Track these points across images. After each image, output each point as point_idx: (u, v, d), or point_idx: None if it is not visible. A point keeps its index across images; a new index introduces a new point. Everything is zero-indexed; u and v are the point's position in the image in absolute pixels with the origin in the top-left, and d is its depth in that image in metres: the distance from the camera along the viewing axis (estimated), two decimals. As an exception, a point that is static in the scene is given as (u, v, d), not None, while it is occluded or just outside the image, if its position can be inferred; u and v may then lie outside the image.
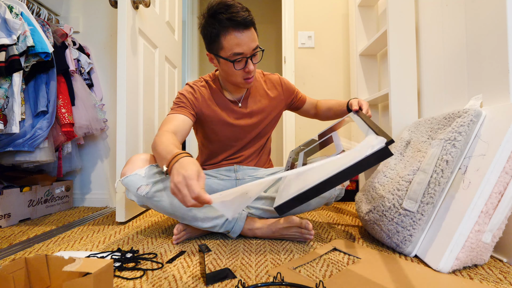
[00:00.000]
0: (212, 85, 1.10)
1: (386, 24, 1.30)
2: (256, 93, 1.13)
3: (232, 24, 0.89)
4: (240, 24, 0.89)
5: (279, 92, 1.16)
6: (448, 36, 1.08)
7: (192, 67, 2.93)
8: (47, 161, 1.31)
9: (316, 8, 2.04)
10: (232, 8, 0.89)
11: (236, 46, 0.91)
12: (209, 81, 1.11)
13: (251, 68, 0.96)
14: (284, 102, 1.18)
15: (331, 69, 2.03)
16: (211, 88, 1.10)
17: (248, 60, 0.95)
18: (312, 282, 0.63)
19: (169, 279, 0.66)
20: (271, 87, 1.16)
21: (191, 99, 1.05)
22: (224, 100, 1.09)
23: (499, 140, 0.70)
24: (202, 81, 1.11)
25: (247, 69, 0.96)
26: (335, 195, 0.99)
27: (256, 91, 1.13)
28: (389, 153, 0.57)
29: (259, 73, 1.17)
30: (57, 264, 0.56)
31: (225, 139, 1.11)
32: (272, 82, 1.17)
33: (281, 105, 1.18)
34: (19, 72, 1.14)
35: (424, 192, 0.78)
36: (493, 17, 0.84)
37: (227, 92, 1.10)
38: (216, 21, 0.90)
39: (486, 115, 0.78)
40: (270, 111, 1.14)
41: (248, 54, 0.94)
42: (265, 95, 1.14)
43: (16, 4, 1.18)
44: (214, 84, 1.11)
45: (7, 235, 1.08)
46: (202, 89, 1.08)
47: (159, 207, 0.89)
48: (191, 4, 2.94)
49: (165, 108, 1.64)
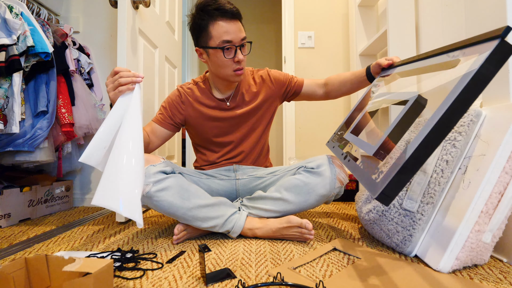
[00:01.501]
0: (202, 86, 1.13)
1: (386, 24, 1.30)
2: (245, 90, 1.14)
3: (220, 13, 0.95)
4: (227, 13, 0.95)
5: (269, 86, 1.16)
6: (448, 36, 1.08)
7: (192, 67, 2.93)
8: (47, 161, 1.31)
9: (316, 8, 2.04)
10: (219, 1, 0.96)
11: (225, 33, 0.96)
12: (199, 82, 1.14)
13: (240, 57, 0.98)
14: (276, 94, 1.17)
15: (331, 69, 2.03)
16: (200, 88, 1.13)
17: (238, 50, 0.98)
18: (312, 282, 0.63)
19: (169, 279, 0.66)
20: (260, 82, 1.16)
21: (176, 106, 1.11)
22: (212, 100, 1.11)
23: (499, 140, 0.70)
24: (191, 83, 1.15)
25: (237, 58, 0.98)
26: (335, 193, 0.99)
27: (245, 88, 1.14)
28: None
29: (249, 71, 1.18)
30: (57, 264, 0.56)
31: (213, 135, 1.13)
32: (261, 77, 1.17)
33: (273, 99, 1.17)
34: (19, 72, 1.14)
35: (424, 192, 0.78)
36: (493, 17, 0.84)
37: (216, 91, 1.12)
38: (204, 12, 0.96)
39: (486, 115, 0.78)
40: (259, 105, 1.14)
41: (237, 43, 0.97)
42: (254, 91, 1.14)
43: (16, 4, 1.18)
44: (204, 84, 1.13)
45: (7, 235, 1.08)
46: (188, 91, 1.12)
47: (159, 206, 0.89)
48: (191, 4, 2.94)
49: (165, 108, 1.64)
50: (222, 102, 1.12)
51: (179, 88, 1.14)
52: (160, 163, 0.94)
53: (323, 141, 2.01)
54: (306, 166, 1.00)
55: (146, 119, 1.38)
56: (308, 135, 2.01)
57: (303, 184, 0.97)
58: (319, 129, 2.01)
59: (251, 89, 1.14)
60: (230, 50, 0.98)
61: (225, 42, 0.96)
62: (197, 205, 0.90)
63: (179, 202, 0.89)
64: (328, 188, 0.96)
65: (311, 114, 2.02)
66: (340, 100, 2.02)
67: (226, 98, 1.12)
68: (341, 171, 0.99)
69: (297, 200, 0.97)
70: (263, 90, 1.15)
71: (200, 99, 1.11)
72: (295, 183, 0.98)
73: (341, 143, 0.95)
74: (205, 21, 0.97)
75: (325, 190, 0.96)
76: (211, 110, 1.11)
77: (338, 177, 0.97)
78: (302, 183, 0.97)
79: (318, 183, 0.96)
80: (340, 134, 1.03)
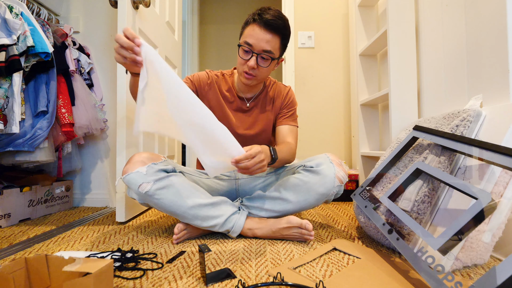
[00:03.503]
0: (228, 78, 1.15)
1: (386, 24, 1.30)
2: (264, 100, 1.15)
3: (257, 19, 0.96)
4: (262, 21, 0.95)
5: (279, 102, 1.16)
6: (448, 36, 1.08)
7: (192, 67, 2.93)
8: (47, 161, 1.31)
9: (316, 8, 2.04)
10: (267, 10, 0.98)
11: (249, 36, 0.97)
12: (226, 74, 1.16)
13: (251, 64, 0.98)
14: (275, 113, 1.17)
15: (331, 69, 2.03)
16: (226, 80, 1.14)
17: (253, 56, 0.98)
18: (312, 282, 0.63)
19: (169, 279, 0.66)
20: (277, 93, 1.16)
21: (201, 84, 1.11)
22: (233, 95, 1.13)
23: (499, 140, 0.70)
24: (219, 72, 1.16)
25: (249, 62, 0.98)
26: (334, 192, 0.98)
27: (267, 98, 1.15)
28: None
29: (276, 83, 1.19)
30: (57, 264, 0.56)
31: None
32: (280, 91, 1.17)
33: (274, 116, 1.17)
34: (19, 72, 1.14)
35: (419, 191, 0.78)
36: (493, 17, 0.84)
37: (239, 89, 1.13)
38: (252, 14, 0.99)
39: (486, 115, 0.78)
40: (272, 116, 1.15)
41: (256, 49, 0.97)
42: (273, 102, 1.16)
43: (16, 4, 1.18)
44: (230, 77, 1.15)
45: (7, 235, 1.08)
46: (215, 77, 1.14)
47: (160, 205, 0.89)
48: (191, 4, 2.93)
49: (165, 108, 1.64)
50: (242, 100, 1.13)
51: (208, 71, 1.15)
52: (161, 162, 0.94)
53: (323, 141, 2.01)
54: (306, 165, 1.00)
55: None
56: (307, 135, 2.01)
57: (303, 183, 0.97)
58: (319, 129, 2.01)
59: (272, 99, 1.16)
60: (248, 52, 0.99)
61: (245, 43, 0.98)
62: (197, 204, 0.90)
63: (179, 200, 0.89)
64: (328, 187, 0.96)
65: (310, 114, 2.02)
66: (340, 100, 2.02)
67: (247, 99, 1.13)
68: (341, 170, 0.98)
69: (296, 200, 0.97)
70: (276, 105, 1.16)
71: (223, 89, 1.13)
72: (294, 182, 0.98)
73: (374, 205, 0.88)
74: (248, 20, 0.99)
75: (324, 189, 0.96)
76: (229, 104, 1.13)
77: (338, 176, 0.97)
78: (301, 182, 0.97)
79: (318, 182, 0.96)
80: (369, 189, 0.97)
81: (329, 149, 1.99)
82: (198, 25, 3.02)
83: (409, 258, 0.64)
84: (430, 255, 0.60)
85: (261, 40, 0.96)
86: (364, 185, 1.00)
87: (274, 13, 0.97)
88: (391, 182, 0.92)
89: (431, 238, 0.61)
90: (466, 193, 0.62)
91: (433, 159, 0.80)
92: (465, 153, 0.71)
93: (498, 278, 0.46)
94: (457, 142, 0.73)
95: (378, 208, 0.86)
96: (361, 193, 0.98)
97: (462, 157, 0.77)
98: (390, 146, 1.10)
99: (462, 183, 0.64)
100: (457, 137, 0.74)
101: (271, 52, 0.98)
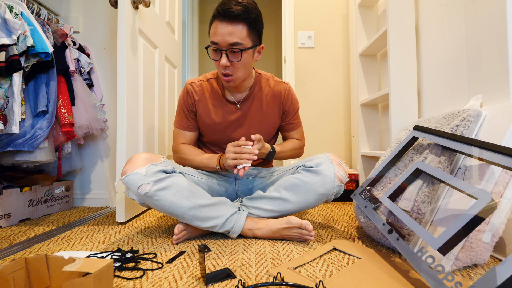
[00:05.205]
0: (214, 84, 1.11)
1: (386, 24, 1.30)
2: (260, 98, 1.11)
3: (217, 14, 0.92)
4: (220, 15, 0.91)
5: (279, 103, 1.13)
6: (448, 36, 1.08)
7: (192, 67, 2.93)
8: (47, 161, 1.31)
9: (316, 8, 2.04)
10: (226, 1, 0.91)
11: (213, 34, 0.93)
12: (211, 79, 1.12)
13: (222, 62, 0.93)
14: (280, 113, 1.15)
15: (331, 69, 2.03)
16: (211, 86, 1.11)
17: (223, 54, 0.93)
18: (312, 282, 0.63)
19: (169, 279, 0.66)
20: (276, 94, 1.12)
21: (188, 106, 1.11)
22: (221, 100, 1.10)
23: (499, 140, 0.70)
24: (202, 79, 1.12)
25: (220, 62, 0.94)
26: (334, 192, 0.98)
27: (261, 95, 1.11)
28: None
29: (269, 77, 1.14)
30: (57, 264, 0.56)
31: (216, 136, 1.12)
32: (280, 90, 1.12)
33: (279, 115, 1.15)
34: (19, 72, 1.14)
35: (419, 191, 0.78)
36: (493, 17, 0.84)
37: (228, 91, 1.10)
38: (214, 10, 0.94)
39: (486, 115, 0.78)
40: (268, 115, 1.13)
41: (223, 46, 0.92)
42: (266, 102, 1.11)
43: (16, 4, 1.18)
44: (216, 82, 1.11)
45: (7, 235, 1.08)
46: (198, 89, 1.10)
47: (160, 206, 0.89)
48: (191, 4, 2.93)
49: (165, 108, 1.64)
50: (232, 104, 1.10)
51: (188, 86, 1.10)
52: (161, 162, 0.94)
53: (323, 141, 2.01)
54: (305, 165, 1.00)
55: (146, 119, 1.38)
56: (307, 135, 2.01)
57: (302, 183, 0.97)
58: (319, 129, 2.01)
59: (265, 98, 1.11)
60: (217, 52, 0.94)
61: (212, 43, 0.94)
62: (197, 205, 0.90)
63: (179, 201, 0.89)
64: (328, 186, 0.96)
65: (310, 114, 2.02)
66: (340, 100, 2.02)
67: (237, 101, 1.10)
68: (341, 170, 0.98)
69: (296, 199, 0.97)
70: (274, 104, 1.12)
71: (209, 97, 1.09)
72: (294, 182, 0.98)
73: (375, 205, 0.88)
74: (212, 18, 0.95)
75: (324, 188, 0.96)
76: (219, 110, 1.09)
77: (338, 176, 0.96)
78: (301, 182, 0.97)
79: (317, 182, 0.96)
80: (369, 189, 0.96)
81: (329, 149, 1.99)
82: (198, 25, 3.02)
83: (409, 258, 0.64)
84: (430, 255, 0.60)
85: (224, 34, 0.90)
86: (364, 185, 0.99)
87: (233, 2, 0.90)
88: (391, 182, 0.92)
89: (431, 238, 0.61)
90: (466, 193, 0.62)
91: (433, 159, 0.80)
92: (465, 153, 0.71)
93: (498, 278, 0.46)
94: (457, 142, 0.73)
95: (378, 208, 0.86)
96: (361, 193, 0.98)
97: (462, 157, 0.77)
98: (390, 146, 1.10)
99: (462, 183, 0.64)
100: (457, 137, 0.74)
101: (239, 43, 0.91)
